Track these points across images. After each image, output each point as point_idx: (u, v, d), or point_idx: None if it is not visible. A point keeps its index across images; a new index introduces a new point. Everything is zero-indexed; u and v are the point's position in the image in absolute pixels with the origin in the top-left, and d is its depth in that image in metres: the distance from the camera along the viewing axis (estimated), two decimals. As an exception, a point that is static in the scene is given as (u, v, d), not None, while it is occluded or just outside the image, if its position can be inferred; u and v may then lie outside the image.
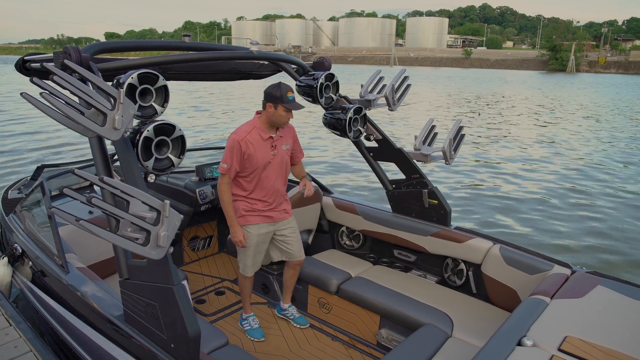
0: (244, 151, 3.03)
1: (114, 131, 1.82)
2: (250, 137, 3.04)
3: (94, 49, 2.45)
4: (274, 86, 3.00)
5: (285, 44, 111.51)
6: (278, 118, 3.02)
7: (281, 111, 2.99)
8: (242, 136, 3.02)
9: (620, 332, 2.17)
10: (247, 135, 3.04)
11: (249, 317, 3.52)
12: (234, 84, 27.81)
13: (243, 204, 3.22)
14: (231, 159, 3.03)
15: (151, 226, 1.71)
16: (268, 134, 3.09)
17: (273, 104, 2.99)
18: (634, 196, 9.29)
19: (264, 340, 3.39)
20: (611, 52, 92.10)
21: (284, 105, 2.96)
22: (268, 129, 3.10)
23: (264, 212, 3.24)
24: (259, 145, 3.07)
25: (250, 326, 3.47)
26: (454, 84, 42.31)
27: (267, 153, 3.10)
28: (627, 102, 29.65)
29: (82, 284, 2.68)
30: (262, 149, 3.08)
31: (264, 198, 3.21)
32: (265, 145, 3.09)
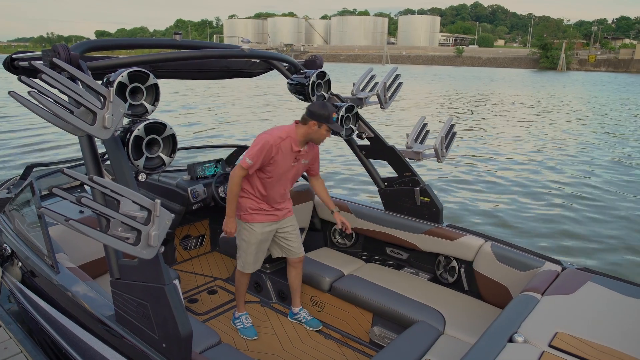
0: (272, 156, 3.06)
1: (104, 130, 1.80)
2: (282, 145, 3.07)
3: (84, 47, 2.42)
4: (321, 105, 3.03)
5: (278, 43, 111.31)
6: (319, 136, 3.09)
7: (323, 130, 3.05)
8: (276, 141, 3.05)
9: (610, 327, 2.19)
10: (281, 142, 3.07)
11: (242, 315, 3.51)
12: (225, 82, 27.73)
13: (250, 202, 3.24)
14: (258, 157, 3.04)
15: (142, 225, 1.69)
16: (298, 147, 3.13)
17: (318, 122, 3.03)
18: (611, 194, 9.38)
19: (257, 339, 3.39)
20: (601, 50, 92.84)
21: (329, 125, 3.02)
22: (301, 142, 3.14)
23: (269, 211, 3.27)
24: (287, 154, 3.11)
25: (243, 325, 3.46)
26: (445, 83, 42.44)
27: (289, 164, 3.15)
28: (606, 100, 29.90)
29: (72, 284, 2.66)
30: (287, 159, 3.12)
31: (270, 200, 3.25)
32: (291, 157, 3.14)
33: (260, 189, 3.20)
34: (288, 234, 3.41)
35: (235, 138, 14.24)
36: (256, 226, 3.26)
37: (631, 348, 2.03)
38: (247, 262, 3.35)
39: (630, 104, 27.16)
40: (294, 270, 3.52)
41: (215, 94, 27.80)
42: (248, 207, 3.24)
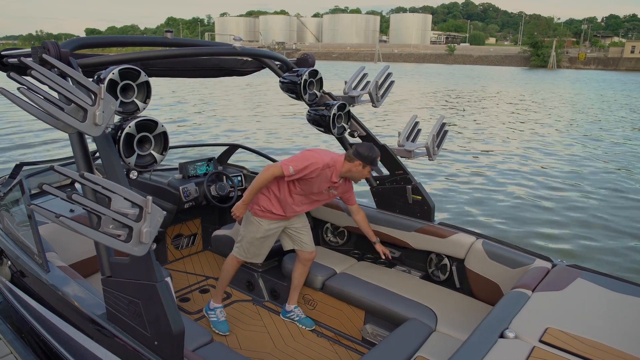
0: (312, 177, 3.12)
1: (95, 127, 1.79)
2: (325, 172, 3.14)
3: (74, 44, 2.40)
4: (370, 148, 3.13)
5: (269, 41, 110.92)
6: (360, 175, 3.20)
7: (366, 171, 3.18)
8: (322, 168, 3.11)
9: (599, 323, 2.22)
10: (325, 169, 3.13)
11: (217, 308, 3.50)
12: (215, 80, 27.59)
13: (265, 202, 3.27)
14: (300, 172, 3.08)
15: (133, 222, 1.68)
16: (337, 179, 3.20)
17: (363, 163, 3.12)
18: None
19: (249, 337, 3.39)
20: (591, 48, 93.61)
21: (373, 168, 3.20)
22: (340, 175, 3.21)
23: (280, 215, 3.32)
24: (323, 181, 3.18)
25: (217, 318, 3.46)
26: (436, 81, 42.59)
27: (321, 190, 3.24)
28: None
29: (63, 282, 2.64)
30: (322, 185, 3.21)
31: (286, 208, 3.30)
32: (326, 184, 3.22)
33: (283, 196, 3.25)
34: (299, 229, 3.45)
35: (227, 137, 14.21)
36: (264, 222, 3.31)
37: (619, 342, 2.05)
38: (250, 252, 3.38)
39: (616, 101, 27.44)
40: (302, 267, 3.52)
41: (207, 92, 27.69)
42: (262, 205, 3.28)
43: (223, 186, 4.47)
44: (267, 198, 3.27)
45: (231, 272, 3.48)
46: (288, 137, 14.48)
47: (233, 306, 3.82)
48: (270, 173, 3.12)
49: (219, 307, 3.51)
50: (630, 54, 75.74)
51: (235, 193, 4.55)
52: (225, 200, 4.49)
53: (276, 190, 3.25)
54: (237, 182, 4.67)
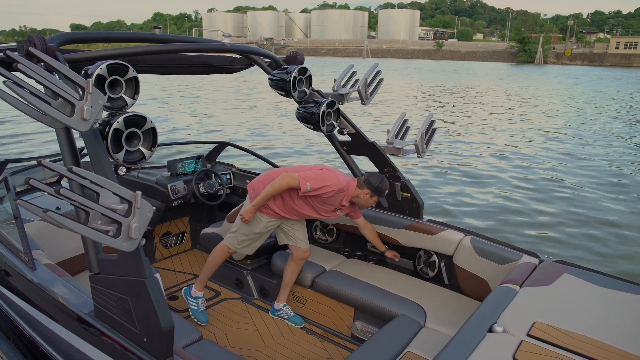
0: (324, 195, 3.15)
1: (83, 122, 1.76)
2: (336, 195, 3.18)
3: (61, 39, 2.37)
4: (380, 179, 3.21)
5: (258, 36, 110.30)
6: (365, 203, 3.27)
7: (372, 201, 3.24)
8: (336, 188, 3.14)
9: (585, 316, 2.25)
10: (338, 192, 3.16)
11: (199, 297, 3.49)
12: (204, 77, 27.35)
13: (275, 203, 3.28)
14: (316, 191, 3.11)
15: (122, 217, 1.67)
16: (346, 203, 3.26)
17: (372, 192, 3.18)
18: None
19: (238, 335, 3.39)
20: (577, 44, 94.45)
21: (380, 199, 3.23)
22: (350, 201, 3.28)
23: (279, 214, 3.33)
24: (334, 202, 3.24)
25: (197, 307, 3.46)
26: (424, 76, 42.72)
27: (330, 208, 3.30)
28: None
29: (50, 280, 2.61)
30: (332, 204, 3.25)
31: (288, 211, 3.32)
32: (335, 204, 3.26)
33: (291, 202, 3.26)
34: (294, 225, 3.45)
35: (216, 134, 14.14)
36: (263, 218, 3.32)
37: (604, 335, 2.09)
38: (243, 244, 3.39)
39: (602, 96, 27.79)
40: (295, 266, 3.51)
41: (195, 88, 27.50)
42: (268, 203, 3.29)
43: (212, 184, 4.45)
44: (274, 198, 3.27)
45: (219, 261, 3.48)
46: (277, 135, 14.45)
47: (222, 304, 3.82)
48: (286, 183, 3.11)
49: (201, 297, 3.51)
50: (615, 49, 76.66)
51: (224, 191, 4.53)
52: (214, 198, 4.47)
53: (286, 196, 3.26)
54: (225, 180, 4.65)
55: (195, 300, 3.49)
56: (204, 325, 3.48)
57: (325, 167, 3.25)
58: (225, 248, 3.44)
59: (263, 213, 3.31)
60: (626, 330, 2.14)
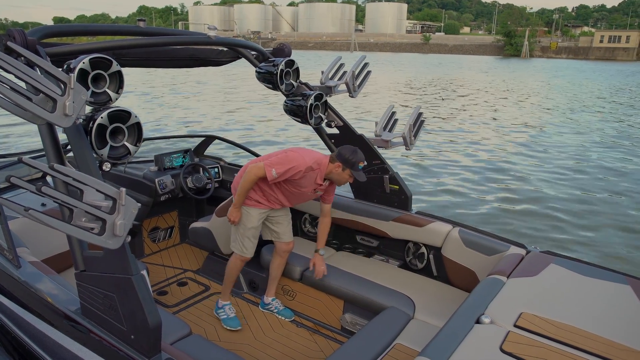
0: (296, 178, 3.09)
1: (65, 118, 1.73)
2: (308, 174, 3.11)
3: (41, 32, 2.33)
4: (351, 151, 3.07)
5: (245, 30, 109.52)
6: (339, 178, 3.14)
7: (346, 175, 3.10)
8: (306, 170, 3.07)
9: (571, 306, 2.28)
10: (308, 171, 3.09)
11: (226, 305, 3.49)
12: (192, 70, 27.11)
13: (252, 192, 3.26)
14: (284, 175, 3.06)
15: (107, 215, 1.65)
16: (322, 181, 3.17)
17: (343, 165, 3.07)
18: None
19: (228, 329, 3.38)
20: (562, 38, 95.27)
21: (353, 172, 3.07)
22: (324, 178, 3.18)
23: (266, 204, 3.33)
24: (309, 183, 3.16)
25: (226, 315, 3.45)
26: (413, 70, 42.82)
27: (307, 190, 3.22)
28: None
29: (35, 278, 2.58)
30: (307, 186, 3.19)
31: (272, 201, 3.31)
32: (312, 186, 3.19)
33: (269, 190, 3.25)
34: (278, 218, 3.44)
35: (203, 127, 14.05)
36: (253, 211, 3.31)
37: (591, 325, 2.12)
38: (247, 246, 3.37)
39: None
40: (279, 259, 3.51)
41: (179, 82, 27.28)
42: (249, 195, 3.28)
43: (200, 178, 4.42)
44: (254, 191, 3.27)
45: (235, 272, 3.48)
46: (265, 128, 14.39)
47: (212, 298, 3.81)
48: (253, 174, 3.10)
49: (227, 304, 3.50)
50: (600, 43, 77.47)
51: (212, 185, 4.50)
52: (202, 192, 4.44)
53: (263, 186, 3.25)
54: (214, 173, 4.63)
55: (222, 309, 3.49)
56: (193, 320, 3.47)
57: (292, 149, 3.21)
58: (238, 258, 3.42)
59: (251, 206, 3.30)
60: (611, 320, 2.18)
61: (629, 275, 2.60)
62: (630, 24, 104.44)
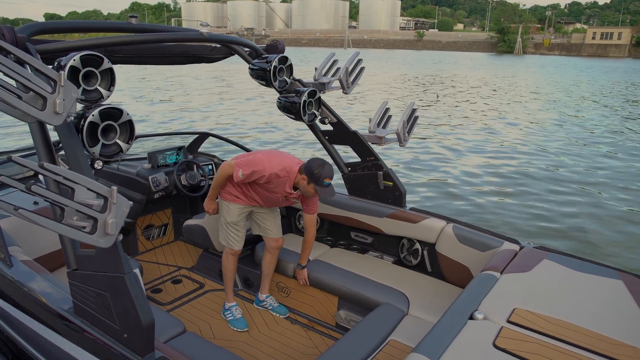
0: (262, 182, 3.07)
1: (56, 116, 1.72)
2: (277, 181, 3.06)
3: (31, 29, 2.31)
4: (319, 164, 2.94)
5: (238, 27, 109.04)
6: (305, 191, 3.06)
7: (311, 189, 3.01)
8: (271, 176, 3.02)
9: (564, 302, 2.30)
10: (277, 178, 3.04)
11: (232, 306, 3.48)
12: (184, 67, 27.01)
13: (231, 188, 3.26)
14: (248, 178, 3.04)
15: (98, 213, 1.64)
16: (290, 190, 3.11)
17: (308, 179, 2.98)
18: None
19: (223, 327, 3.38)
20: (555, 34, 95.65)
21: (316, 187, 2.97)
22: (294, 189, 3.12)
23: (247, 201, 3.31)
24: (277, 189, 3.13)
25: (233, 316, 3.43)
26: (406, 67, 42.85)
27: (276, 197, 3.20)
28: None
29: (27, 277, 2.56)
30: (276, 192, 3.16)
31: (249, 199, 3.30)
32: (280, 193, 3.15)
33: (245, 190, 3.25)
34: (264, 214, 3.43)
35: (197, 124, 13.99)
36: (232, 205, 3.30)
37: (582, 320, 2.13)
38: (232, 238, 3.36)
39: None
40: (270, 255, 3.51)
41: (173, 77, 27.15)
42: (228, 190, 3.28)
43: (194, 175, 4.41)
44: (233, 186, 3.28)
45: (231, 267, 3.47)
46: (260, 126, 14.36)
47: (206, 295, 3.80)
48: (224, 171, 3.12)
49: (234, 305, 3.49)
50: (592, 40, 77.78)
51: (206, 182, 4.49)
52: (196, 190, 4.43)
53: (240, 184, 3.24)
54: (207, 171, 4.61)
55: (229, 311, 3.47)
56: (188, 318, 3.46)
57: (264, 151, 3.19)
58: (227, 251, 3.43)
59: (230, 201, 3.30)
60: (603, 314, 2.19)
61: (621, 270, 2.62)
62: (622, 21, 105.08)
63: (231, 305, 3.49)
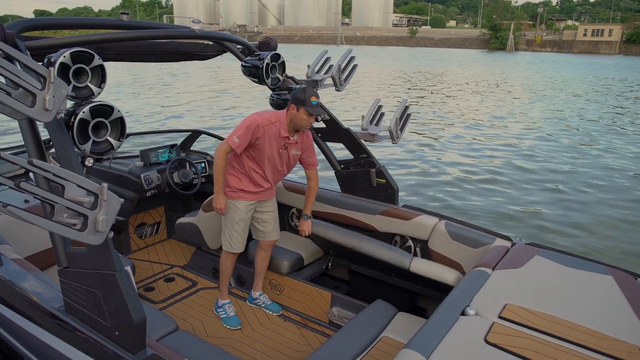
0: (258, 136, 3.02)
1: (45, 112, 1.71)
2: (269, 128, 3.04)
3: (21, 25, 2.29)
4: (301, 89, 3.01)
5: (230, 23, 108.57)
6: (299, 121, 3.04)
7: (302, 114, 3.00)
8: (263, 123, 3.01)
9: (555, 297, 2.32)
10: (269, 124, 3.03)
11: (225, 304, 3.47)
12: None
13: (234, 181, 3.21)
14: (245, 137, 3.01)
15: (89, 210, 1.63)
16: (287, 133, 3.09)
17: (296, 105, 2.99)
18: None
19: (216, 324, 3.38)
20: (546, 31, 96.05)
21: (306, 108, 2.96)
22: (289, 129, 3.10)
23: (252, 192, 3.25)
24: (273, 139, 3.07)
25: (226, 314, 3.43)
26: (399, 64, 42.89)
27: (275, 150, 3.12)
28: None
29: (18, 276, 2.55)
30: (273, 144, 3.09)
31: (255, 181, 3.22)
32: (278, 143, 3.10)
33: (247, 171, 3.18)
34: (264, 215, 3.40)
35: (190, 122, 13.94)
36: (239, 203, 3.25)
37: (573, 315, 2.15)
38: (234, 240, 3.32)
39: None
40: (262, 252, 3.50)
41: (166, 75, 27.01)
42: (233, 185, 3.22)
43: (186, 173, 4.40)
44: (235, 177, 3.22)
45: (229, 268, 3.46)
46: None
47: (199, 294, 3.79)
48: (220, 152, 3.08)
49: (227, 303, 3.48)
50: (583, 36, 78.21)
51: (199, 180, 4.47)
52: (189, 188, 4.42)
53: (239, 167, 3.20)
54: (200, 168, 4.60)
55: (222, 308, 3.46)
56: (181, 316, 3.46)
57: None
58: (227, 254, 3.40)
59: (236, 199, 3.25)
60: (593, 310, 2.22)
61: (611, 266, 2.65)
62: (613, 18, 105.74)
63: (224, 302, 3.49)
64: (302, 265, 3.76)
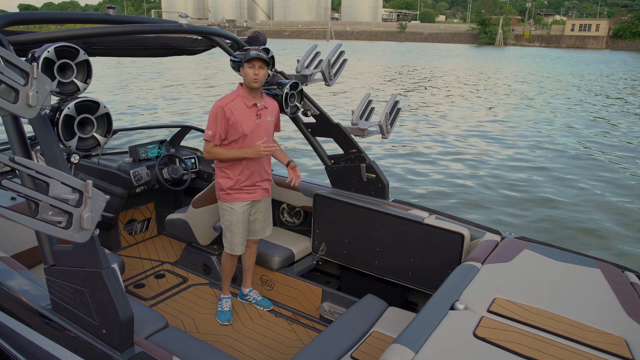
0: (228, 117, 3.01)
1: (29, 109, 1.69)
2: (234, 104, 3.03)
3: (4, 20, 2.25)
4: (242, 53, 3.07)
5: (219, 18, 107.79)
6: (248, 78, 3.02)
7: (247, 69, 2.99)
8: (225, 102, 3.02)
9: (543, 291, 2.33)
10: (230, 102, 3.03)
11: (223, 298, 3.48)
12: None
13: (227, 182, 3.18)
14: (215, 125, 3.01)
15: (73, 208, 1.61)
16: (252, 101, 3.08)
17: (244, 64, 3.00)
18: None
19: (207, 321, 3.37)
20: (535, 26, 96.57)
21: (249, 57, 2.95)
22: (251, 96, 3.09)
23: (247, 189, 3.20)
24: (244, 112, 3.06)
25: (221, 308, 3.44)
26: (390, 59, 42.91)
27: (251, 121, 3.09)
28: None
29: (4, 274, 2.51)
30: (246, 116, 3.07)
31: (246, 169, 3.16)
32: (250, 114, 3.08)
33: (233, 164, 3.13)
34: (255, 214, 3.37)
35: (179, 117, 13.85)
36: (235, 205, 3.22)
37: (561, 308, 2.17)
38: (235, 242, 3.29)
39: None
40: (248, 249, 3.48)
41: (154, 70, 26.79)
42: (226, 187, 3.19)
43: (176, 169, 4.36)
44: (226, 177, 3.19)
45: (229, 268, 3.45)
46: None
47: (190, 290, 3.78)
48: (211, 148, 3.07)
49: (225, 298, 3.48)
50: (571, 31, 78.80)
51: (189, 176, 4.45)
52: (179, 183, 4.39)
53: (224, 164, 3.17)
54: (190, 164, 4.57)
55: (220, 302, 3.47)
56: (171, 313, 3.44)
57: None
58: (228, 255, 3.38)
59: (230, 201, 3.22)
60: (582, 303, 2.24)
61: (599, 259, 2.68)
62: (600, 13, 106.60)
63: (223, 297, 3.49)
64: (293, 261, 3.76)
